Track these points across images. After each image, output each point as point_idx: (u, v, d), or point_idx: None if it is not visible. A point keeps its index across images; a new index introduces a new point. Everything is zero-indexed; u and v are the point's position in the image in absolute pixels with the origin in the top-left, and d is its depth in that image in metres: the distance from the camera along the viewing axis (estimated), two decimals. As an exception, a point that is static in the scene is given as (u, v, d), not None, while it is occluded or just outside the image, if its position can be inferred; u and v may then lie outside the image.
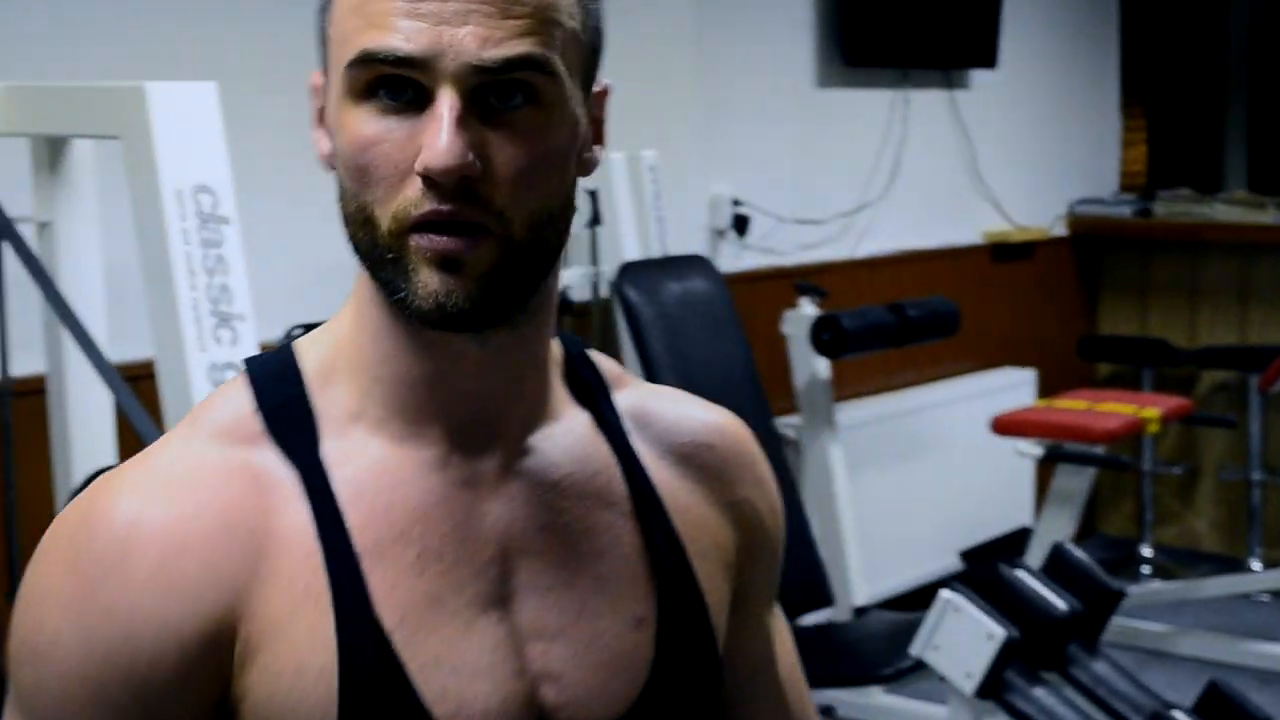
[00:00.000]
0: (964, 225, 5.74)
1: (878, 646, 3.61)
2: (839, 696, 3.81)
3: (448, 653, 1.04)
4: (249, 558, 1.01)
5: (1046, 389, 5.66)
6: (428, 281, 0.99)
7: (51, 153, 2.76)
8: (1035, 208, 5.99)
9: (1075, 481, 4.34)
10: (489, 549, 1.07)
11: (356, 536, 1.03)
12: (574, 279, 4.04)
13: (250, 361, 1.10)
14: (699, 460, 1.20)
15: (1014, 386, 5.58)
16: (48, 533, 1.03)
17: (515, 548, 1.08)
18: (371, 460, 1.06)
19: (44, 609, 1.00)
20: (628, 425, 1.17)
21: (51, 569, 1.01)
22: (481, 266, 0.99)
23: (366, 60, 0.98)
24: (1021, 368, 5.77)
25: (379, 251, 1.01)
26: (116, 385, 2.44)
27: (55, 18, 3.21)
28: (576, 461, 1.13)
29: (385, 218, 0.99)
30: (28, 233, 2.66)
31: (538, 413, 1.12)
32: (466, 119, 0.98)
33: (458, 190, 0.98)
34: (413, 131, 0.98)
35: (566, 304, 3.66)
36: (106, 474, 1.05)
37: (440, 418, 1.07)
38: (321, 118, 1.06)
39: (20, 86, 2.64)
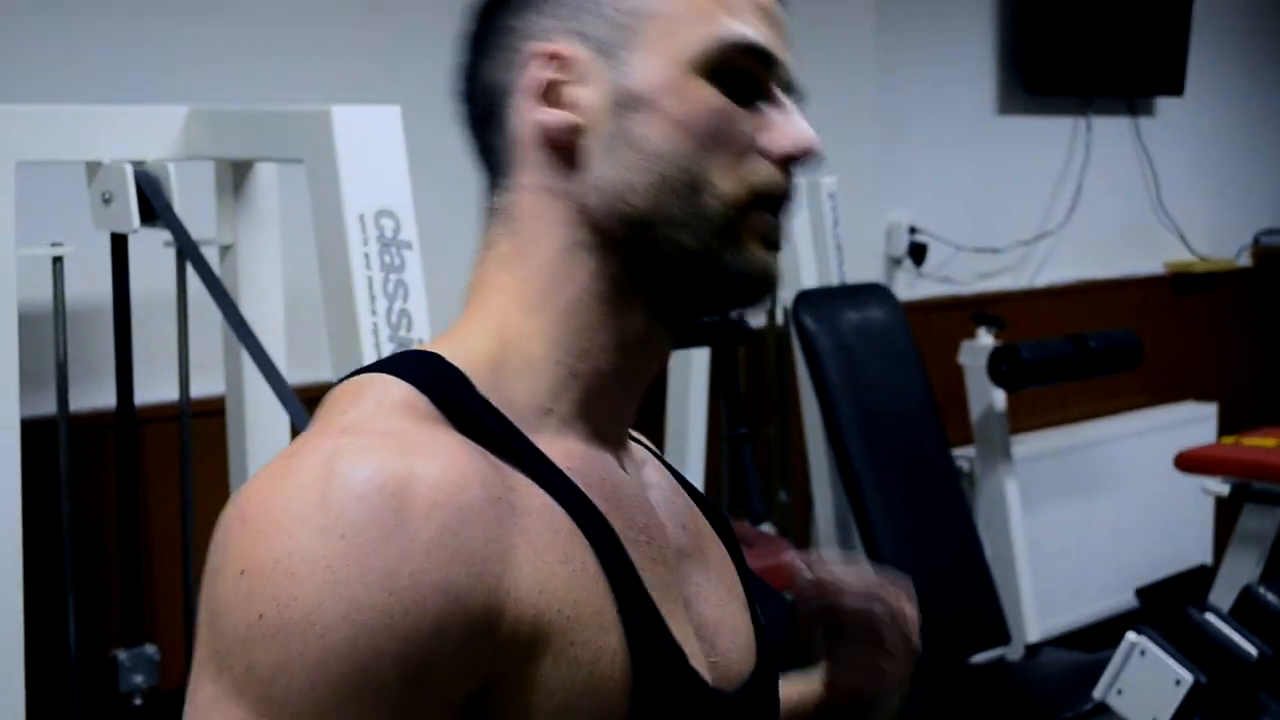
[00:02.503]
0: (1146, 255, 5.62)
1: (1056, 688, 3.52)
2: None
3: (683, 634, 1.02)
4: (520, 532, 0.91)
5: (1228, 424, 5.51)
6: (760, 256, 1.02)
7: (235, 176, 2.78)
8: (1220, 238, 5.85)
9: (1262, 522, 4.20)
10: (671, 548, 1.07)
11: (609, 519, 0.99)
12: (749, 306, 4.00)
13: (372, 368, 1.00)
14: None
15: (1194, 421, 5.45)
16: (255, 506, 0.88)
17: (677, 547, 1.09)
18: (580, 452, 1.01)
19: (294, 580, 0.84)
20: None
21: (298, 536, 0.85)
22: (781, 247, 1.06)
23: (742, 49, 1.02)
24: (1202, 402, 5.63)
25: (707, 219, 1.00)
26: (294, 408, 2.44)
27: (240, 43, 3.25)
28: (654, 466, 1.15)
29: (729, 185, 1.01)
30: (211, 255, 2.68)
31: None
32: None
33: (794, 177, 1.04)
34: (756, 113, 1.03)
35: (743, 331, 3.61)
36: (308, 443, 0.91)
37: (614, 418, 1.06)
38: (549, 91, 1.03)
39: (205, 111, 2.67)
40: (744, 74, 1.03)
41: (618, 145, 1.01)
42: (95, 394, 2.99)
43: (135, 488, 2.89)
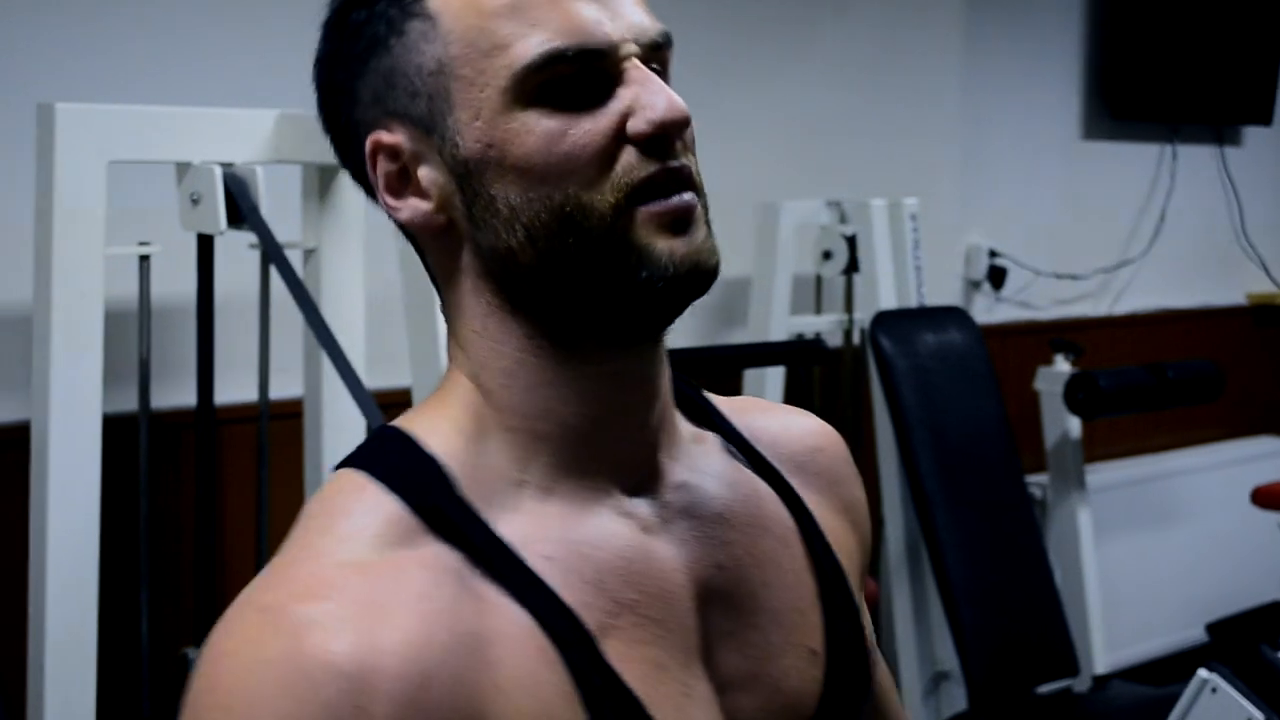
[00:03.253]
0: (1227, 286, 5.56)
1: (1123, 722, 3.49)
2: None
3: (679, 718, 0.97)
4: (486, 669, 0.89)
5: (1307, 460, 5.45)
6: (672, 247, 0.95)
7: (321, 181, 2.80)
8: (1304, 271, 5.78)
9: (1339, 561, 4.15)
10: (685, 600, 1.01)
11: (583, 617, 0.94)
12: (827, 326, 3.99)
13: (357, 461, 0.97)
14: (814, 467, 1.16)
15: (1272, 456, 5.39)
16: (223, 675, 0.86)
17: (703, 593, 1.02)
18: (559, 530, 0.96)
19: None
20: (748, 439, 1.13)
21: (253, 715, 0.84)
22: (704, 217, 0.97)
23: (547, 64, 0.94)
24: (1280, 437, 5.57)
25: (595, 242, 0.94)
26: (372, 412, 2.46)
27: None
28: (728, 487, 1.07)
29: (601, 196, 0.94)
30: (295, 258, 2.70)
31: (672, 436, 1.05)
32: None
33: (674, 147, 0.96)
34: (601, 109, 0.95)
35: (819, 350, 3.60)
36: (278, 598, 0.89)
37: (608, 463, 0.99)
38: (396, 183, 0.99)
39: (293, 115, 2.69)
40: (568, 80, 0.95)
41: (479, 213, 0.96)
42: (176, 392, 3.02)
43: (212, 487, 2.92)
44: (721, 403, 1.15)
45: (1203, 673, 2.96)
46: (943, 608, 3.56)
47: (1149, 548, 4.97)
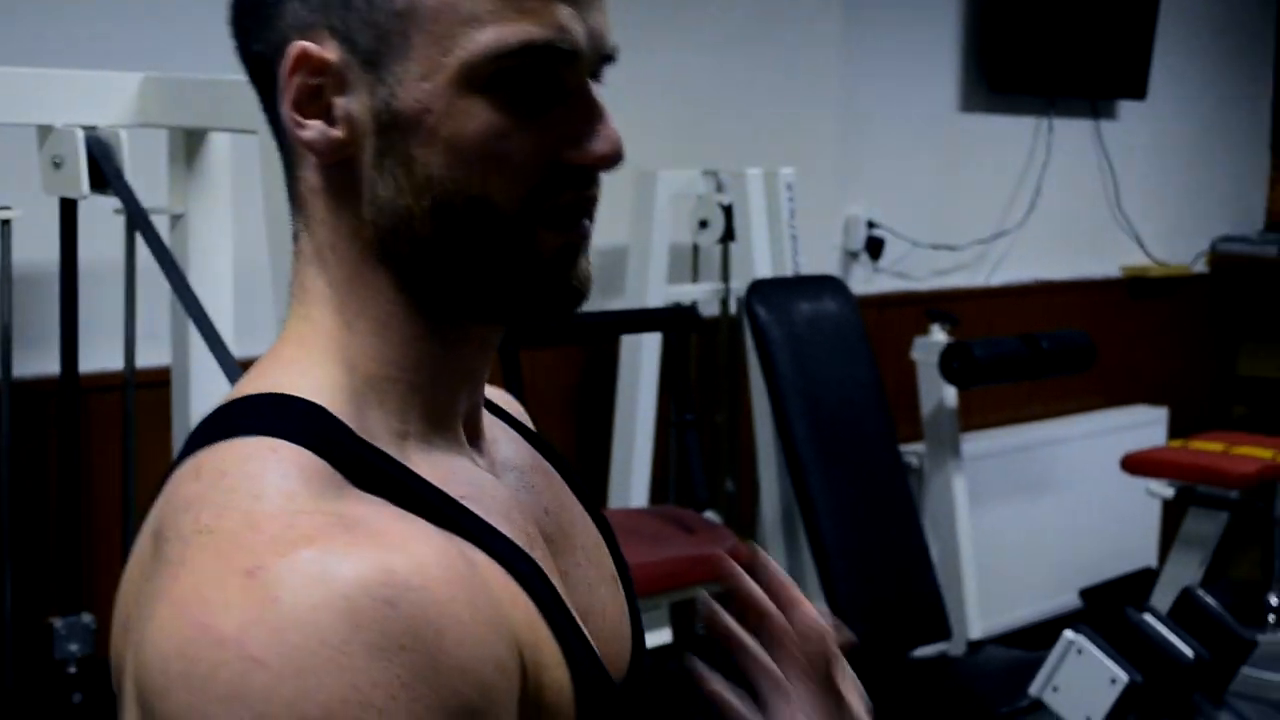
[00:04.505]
0: (1102, 258, 5.64)
1: (994, 684, 3.54)
2: (953, 732, 3.74)
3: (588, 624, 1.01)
4: (486, 591, 0.88)
5: (1178, 429, 5.54)
6: (561, 272, 0.96)
7: (189, 145, 2.76)
8: (1176, 244, 5.88)
9: (1206, 526, 4.23)
10: (551, 537, 1.04)
11: (519, 543, 0.96)
12: (704, 294, 4.00)
13: (248, 428, 0.89)
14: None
15: (1144, 425, 5.48)
16: (269, 652, 0.78)
17: (543, 535, 1.04)
18: (458, 473, 0.96)
19: (376, 712, 0.78)
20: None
21: (349, 666, 0.78)
22: (587, 245, 0.99)
23: (518, 54, 0.91)
24: (1153, 406, 5.65)
25: (494, 240, 0.93)
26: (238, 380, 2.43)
27: (197, 10, 3.23)
28: (513, 441, 1.10)
29: (513, 203, 0.92)
30: (161, 224, 2.67)
31: None
32: None
33: (597, 178, 0.97)
34: (547, 120, 0.93)
35: (694, 318, 3.61)
36: (264, 565, 0.80)
37: (461, 415, 1.00)
38: (305, 99, 0.94)
39: (160, 78, 2.65)
40: (529, 77, 0.92)
41: (389, 166, 0.93)
42: (40, 360, 2.97)
43: (76, 456, 2.88)
44: None
45: (1068, 634, 3.02)
46: (816, 573, 3.59)
47: (1024, 515, 5.04)
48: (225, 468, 0.87)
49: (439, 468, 0.95)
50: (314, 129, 0.94)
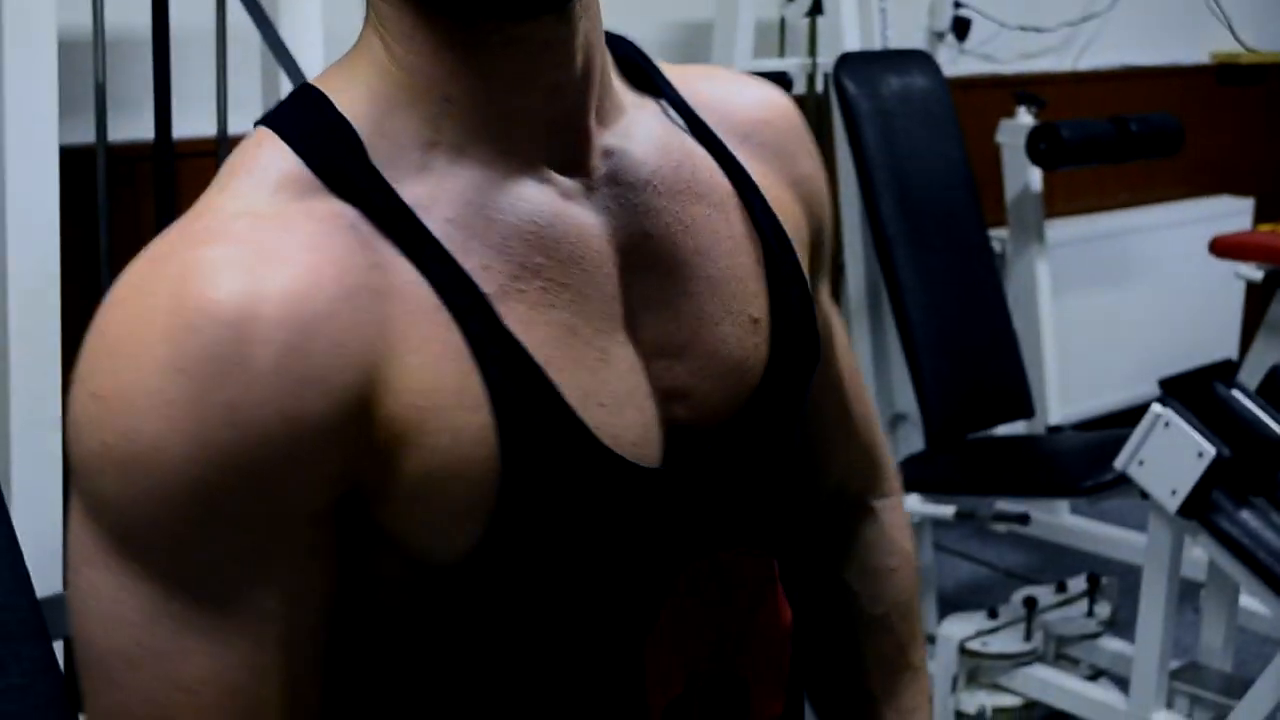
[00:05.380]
0: (1192, 44, 5.53)
1: (1077, 460, 3.54)
2: (1033, 507, 3.76)
3: (594, 385, 0.94)
4: (376, 325, 0.87)
5: (1263, 219, 5.47)
6: None
7: (279, -97, 2.74)
8: (1269, 30, 5.74)
9: (1294, 310, 4.20)
10: (605, 266, 0.97)
11: (479, 280, 0.91)
12: (791, 69, 3.96)
13: (270, 119, 0.94)
14: (760, 138, 1.12)
15: (1229, 215, 5.41)
16: (112, 322, 0.85)
17: (627, 262, 0.99)
18: (466, 192, 0.93)
19: (138, 414, 0.82)
20: (691, 106, 1.09)
21: (142, 368, 0.82)
22: None
23: None
24: (1239, 196, 5.58)
25: None
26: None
27: None
28: (660, 154, 1.03)
29: None
30: (252, -17, 2.65)
31: (609, 105, 1.00)
32: None
33: None
34: None
35: (784, 86, 3.57)
36: (171, 246, 0.87)
37: (525, 124, 0.95)
38: None
39: None
40: None
41: None
42: (133, 125, 2.98)
43: (171, 220, 2.89)
44: (670, 69, 1.11)
45: (1156, 407, 3.01)
46: (902, 351, 3.60)
47: (1106, 303, 5.02)
48: (232, 155, 0.94)
49: (459, 183, 0.93)
50: None
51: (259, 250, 0.85)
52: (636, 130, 1.03)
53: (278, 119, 0.93)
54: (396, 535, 0.90)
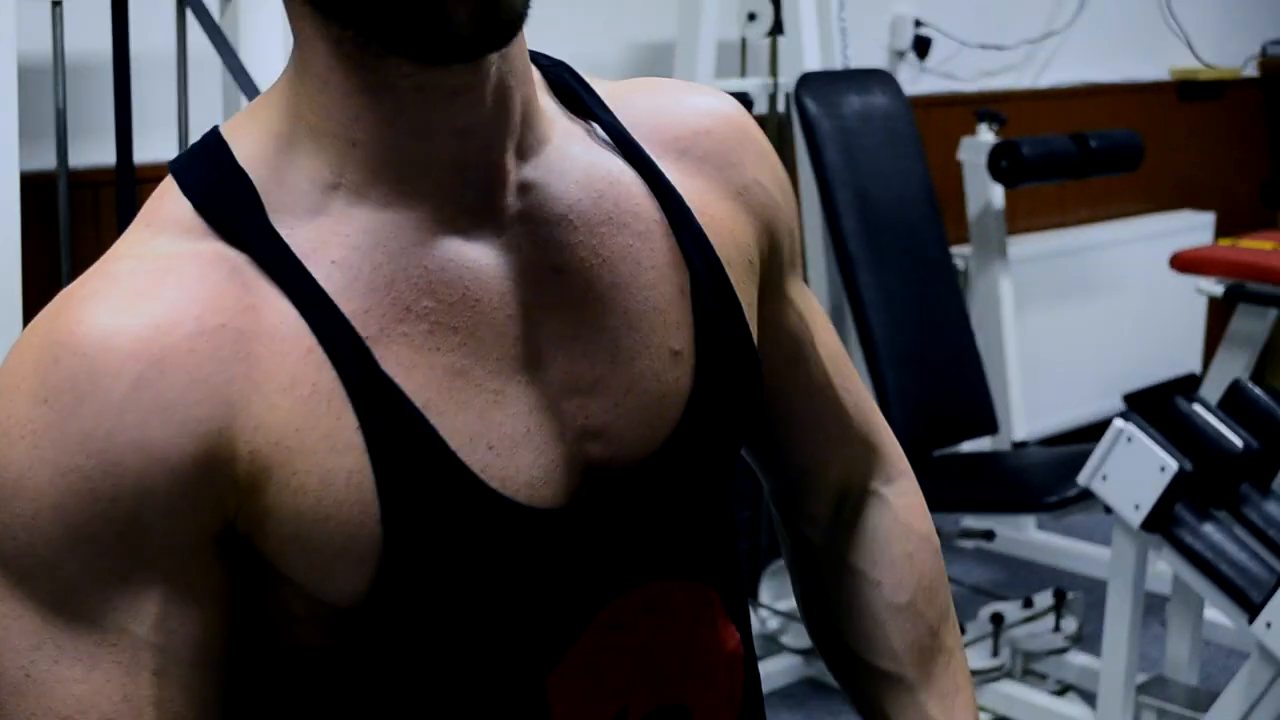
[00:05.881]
0: (1151, 61, 5.57)
1: (1041, 476, 3.56)
2: (998, 523, 3.77)
3: (482, 428, 0.93)
4: (240, 363, 0.88)
5: (1224, 234, 5.51)
6: (466, 7, 0.86)
7: (238, -73, 2.74)
8: (1227, 46, 5.79)
9: (1255, 324, 4.22)
10: (506, 307, 0.96)
11: (359, 324, 0.91)
12: (752, 89, 3.97)
13: (175, 164, 0.97)
14: (699, 151, 1.09)
15: (1191, 229, 5.45)
16: (10, 360, 0.90)
17: (536, 300, 0.97)
18: (359, 235, 0.93)
19: (9, 444, 0.86)
20: (624, 126, 1.06)
21: (16, 400, 0.87)
22: None
23: None
24: (1200, 211, 5.62)
25: None
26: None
27: None
28: (580, 185, 1.00)
29: None
30: (212, 6, 2.65)
31: (529, 138, 0.98)
32: None
33: None
34: None
35: (745, 102, 3.58)
36: (67, 290, 0.91)
37: (431, 167, 0.94)
38: None
39: None
40: None
41: None
42: (94, 150, 2.97)
43: (133, 246, 2.89)
44: (609, 87, 1.10)
45: (1118, 423, 3.03)
46: (866, 369, 3.61)
47: (1068, 320, 5.04)
48: (146, 203, 0.97)
49: (343, 225, 0.93)
50: None
51: (129, 289, 0.89)
52: (559, 162, 1.01)
53: (181, 166, 0.96)
54: (289, 573, 0.92)
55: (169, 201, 0.94)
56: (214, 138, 0.96)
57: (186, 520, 0.88)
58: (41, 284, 2.77)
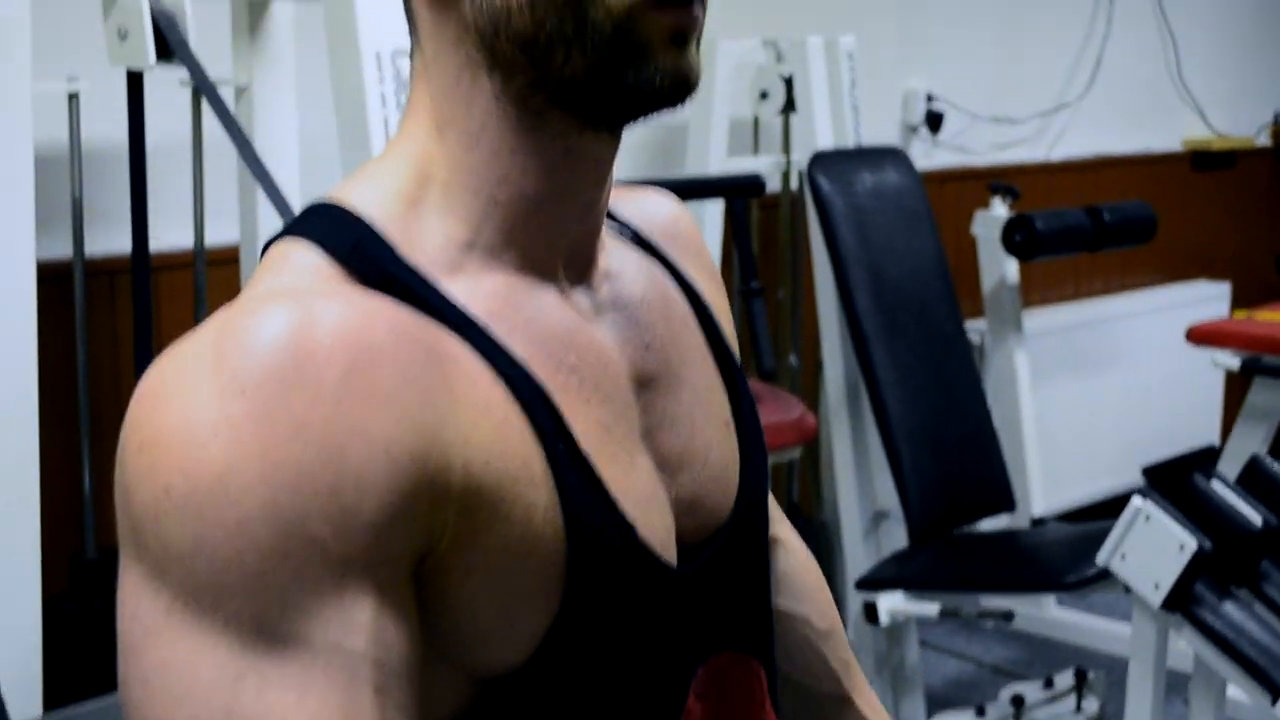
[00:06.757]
0: (1164, 131, 5.58)
1: (1060, 554, 3.53)
2: (1018, 603, 3.75)
3: (626, 483, 0.94)
4: (439, 376, 0.84)
5: (1240, 303, 5.50)
6: (668, 59, 0.91)
7: (251, 15, 2.76)
8: (1239, 116, 5.80)
9: (1272, 396, 4.19)
10: (623, 377, 0.99)
11: (529, 366, 0.90)
12: (765, 167, 3.98)
13: (288, 232, 0.93)
14: (681, 238, 1.16)
15: (1206, 300, 5.44)
16: (152, 381, 0.82)
17: (636, 375, 1.01)
18: (503, 291, 0.93)
19: (198, 445, 0.77)
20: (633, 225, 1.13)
21: (196, 402, 0.78)
22: (700, 33, 0.95)
23: None
24: (1215, 281, 5.61)
25: (595, 28, 0.90)
26: (309, 251, 2.43)
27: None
28: (641, 274, 1.06)
29: None
30: (226, 96, 2.66)
31: (603, 235, 1.04)
32: None
33: None
34: None
35: (757, 187, 3.59)
36: (204, 324, 0.84)
37: (557, 241, 0.96)
38: None
39: (222, -50, 2.65)
40: None
41: None
42: (111, 238, 2.98)
43: (149, 334, 2.89)
44: None
45: (1137, 501, 3.00)
46: (882, 447, 3.59)
47: (1085, 392, 5.02)
48: (259, 267, 0.92)
49: (493, 285, 0.93)
50: None
51: (306, 295, 0.83)
52: (617, 253, 1.06)
53: (306, 229, 0.92)
54: (465, 623, 0.86)
55: (301, 257, 0.89)
56: (331, 207, 0.93)
57: (402, 527, 0.80)
58: (58, 371, 2.78)
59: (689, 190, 3.52)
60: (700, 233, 1.21)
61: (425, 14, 0.96)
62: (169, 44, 2.50)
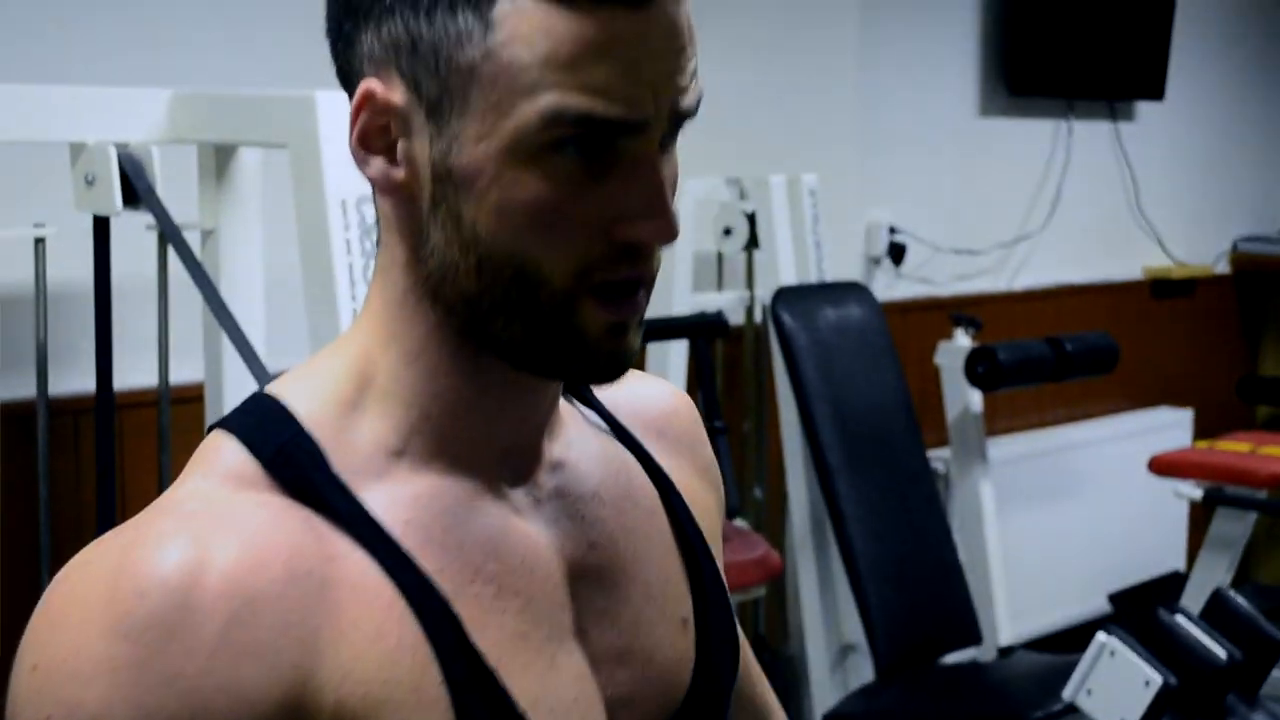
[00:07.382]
0: (1124, 260, 5.64)
1: (1026, 688, 3.53)
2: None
3: (542, 692, 0.95)
4: (324, 613, 0.87)
5: (1203, 430, 5.53)
6: (606, 347, 0.94)
7: (219, 161, 2.78)
8: (1198, 244, 5.87)
9: (1235, 526, 4.22)
10: (553, 577, 1.00)
11: (436, 580, 0.92)
12: (728, 303, 4.01)
13: (224, 424, 0.96)
14: (672, 432, 1.17)
15: (1169, 426, 5.47)
16: (56, 597, 0.86)
17: (573, 572, 1.02)
18: (426, 498, 0.95)
19: (81, 682, 0.82)
20: (609, 410, 1.14)
21: (85, 636, 0.83)
22: (640, 317, 0.96)
23: (572, 122, 0.89)
24: (1178, 408, 5.65)
25: (538, 306, 0.92)
26: (274, 394, 2.44)
27: (225, 26, 3.25)
28: (600, 465, 1.07)
29: (561, 277, 0.91)
30: (192, 239, 2.68)
31: (555, 419, 1.05)
32: None
33: (652, 255, 0.94)
34: (603, 190, 0.91)
35: (721, 324, 3.62)
36: (117, 531, 0.89)
37: (490, 446, 0.98)
38: (372, 136, 0.94)
39: (190, 95, 2.67)
40: (586, 147, 0.90)
41: (441, 216, 0.93)
42: (74, 378, 2.98)
43: (113, 473, 2.88)
44: None
45: (1101, 636, 3.00)
46: (848, 580, 3.59)
47: (1051, 520, 5.03)
48: (190, 461, 0.95)
49: (417, 491, 0.95)
50: (375, 166, 0.94)
51: (207, 528, 0.87)
52: (578, 441, 1.07)
53: (239, 425, 0.95)
54: None
55: (226, 455, 0.92)
56: (269, 401, 0.96)
57: None
58: (19, 511, 2.76)
59: (653, 331, 3.55)
60: (701, 426, 1.21)
61: (387, 225, 0.98)
62: (136, 190, 2.51)
